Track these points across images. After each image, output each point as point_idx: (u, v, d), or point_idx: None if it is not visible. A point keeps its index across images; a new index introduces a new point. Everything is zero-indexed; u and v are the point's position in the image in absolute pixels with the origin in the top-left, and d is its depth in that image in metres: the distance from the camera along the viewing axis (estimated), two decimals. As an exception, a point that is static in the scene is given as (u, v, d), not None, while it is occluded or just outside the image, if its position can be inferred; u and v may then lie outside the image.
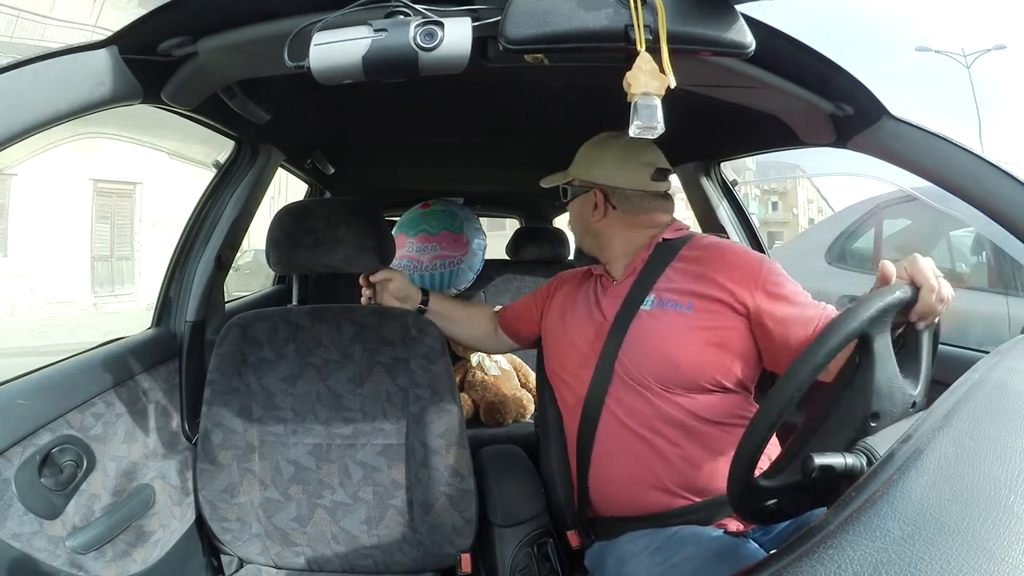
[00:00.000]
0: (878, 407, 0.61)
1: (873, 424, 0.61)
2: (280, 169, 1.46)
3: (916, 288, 0.66)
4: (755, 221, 1.59)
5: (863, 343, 0.61)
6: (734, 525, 0.89)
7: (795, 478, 0.64)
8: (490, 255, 2.25)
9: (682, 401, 0.89)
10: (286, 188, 5.99)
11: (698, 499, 0.89)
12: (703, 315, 0.90)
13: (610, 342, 0.94)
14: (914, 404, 0.64)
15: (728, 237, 1.54)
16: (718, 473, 0.87)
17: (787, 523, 0.80)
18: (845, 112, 0.89)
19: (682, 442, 0.89)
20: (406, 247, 2.02)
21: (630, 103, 0.65)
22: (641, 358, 0.92)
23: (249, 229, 1.35)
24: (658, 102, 0.65)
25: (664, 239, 1.00)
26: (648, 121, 0.65)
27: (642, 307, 0.94)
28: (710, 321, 0.90)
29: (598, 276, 1.09)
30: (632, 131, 0.66)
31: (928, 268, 0.68)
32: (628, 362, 0.93)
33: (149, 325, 1.24)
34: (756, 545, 0.85)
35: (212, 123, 1.07)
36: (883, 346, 0.61)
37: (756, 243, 1.56)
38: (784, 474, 0.65)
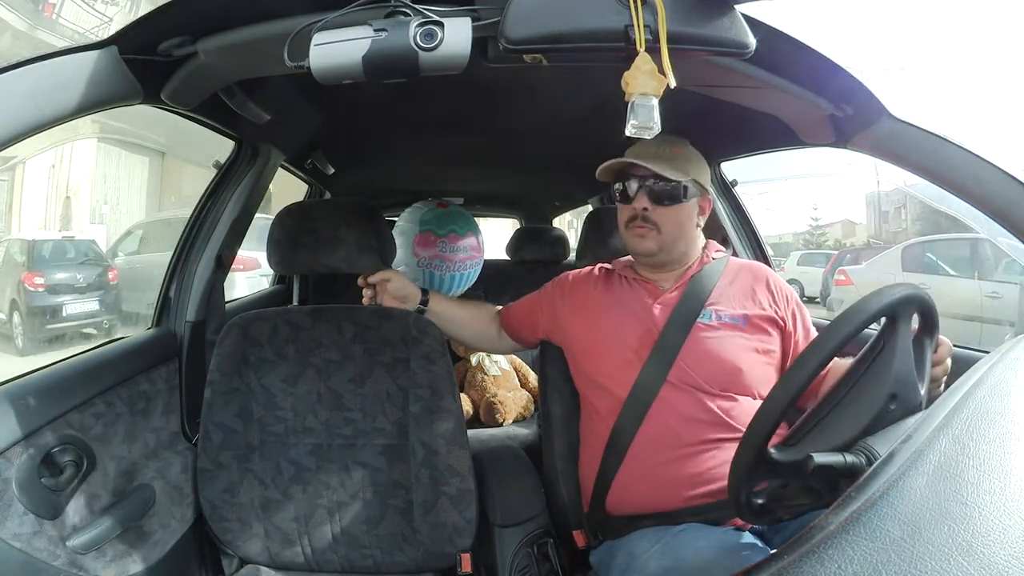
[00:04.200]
0: (897, 390, 0.62)
1: (892, 407, 0.61)
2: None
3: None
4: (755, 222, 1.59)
5: (891, 323, 0.62)
6: (742, 522, 0.89)
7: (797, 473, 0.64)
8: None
9: (738, 399, 0.94)
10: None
11: (720, 497, 0.90)
12: (755, 330, 0.98)
13: (663, 348, 0.96)
14: (920, 404, 0.64)
15: (728, 237, 1.54)
16: None
17: (795, 521, 0.81)
18: (845, 112, 0.89)
19: (721, 443, 0.91)
20: (438, 247, 2.01)
21: (627, 103, 0.65)
22: (702, 366, 0.95)
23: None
24: (655, 102, 0.65)
25: (712, 258, 1.06)
26: (645, 121, 0.65)
27: (700, 319, 0.98)
28: (761, 335, 0.98)
29: (634, 280, 1.07)
30: (628, 130, 0.66)
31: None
32: (687, 367, 0.95)
33: (149, 325, 1.24)
34: (762, 543, 0.85)
35: (212, 123, 1.07)
36: (906, 332, 0.63)
37: (756, 242, 1.55)
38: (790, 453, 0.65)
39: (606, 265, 1.15)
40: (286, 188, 1.92)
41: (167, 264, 1.26)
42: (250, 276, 5.30)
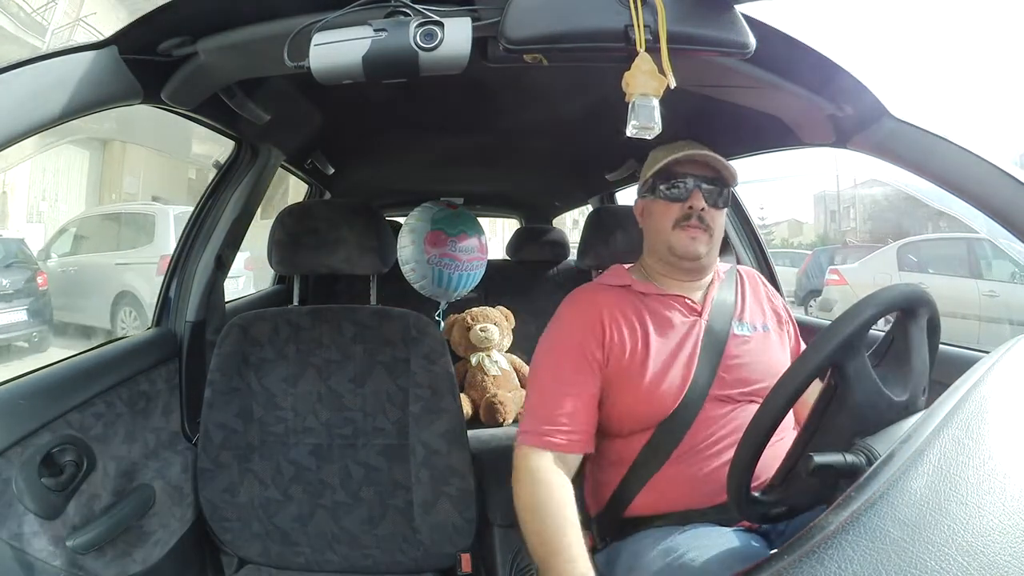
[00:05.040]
0: (861, 427, 0.62)
1: (857, 441, 0.62)
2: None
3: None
4: (755, 222, 1.59)
5: (836, 369, 0.62)
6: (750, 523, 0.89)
7: (790, 494, 0.65)
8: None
9: None
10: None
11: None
12: (780, 336, 1.01)
13: (704, 364, 0.92)
14: (906, 407, 0.64)
15: (728, 237, 1.54)
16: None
17: (795, 521, 0.81)
18: (845, 112, 0.89)
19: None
20: (447, 245, 2.03)
21: (628, 103, 0.65)
22: (745, 376, 0.93)
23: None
24: (656, 102, 0.65)
25: (726, 270, 1.06)
26: (645, 121, 0.65)
27: (735, 331, 0.96)
28: (784, 340, 1.02)
29: (661, 297, 0.98)
30: (629, 131, 0.67)
31: None
32: (729, 379, 0.93)
33: (150, 325, 1.24)
34: (765, 544, 0.85)
35: (212, 123, 1.07)
36: (857, 368, 0.62)
37: (757, 243, 1.56)
38: (779, 489, 0.66)
39: (611, 283, 1.01)
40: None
41: (103, 266, 1.23)
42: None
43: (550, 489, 0.83)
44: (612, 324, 0.94)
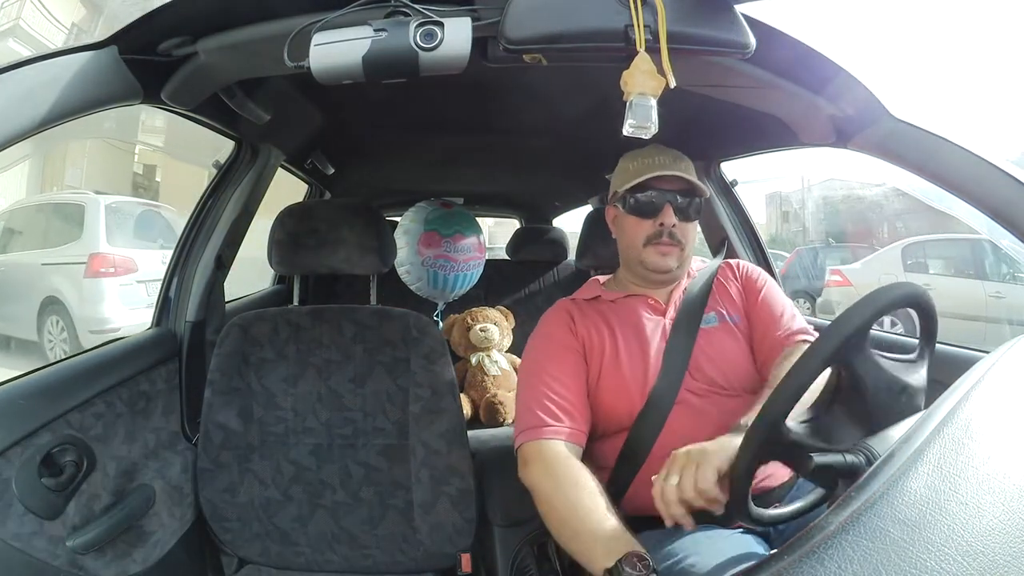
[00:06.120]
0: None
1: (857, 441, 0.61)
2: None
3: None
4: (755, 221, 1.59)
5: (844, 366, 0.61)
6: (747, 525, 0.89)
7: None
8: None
9: (746, 400, 0.93)
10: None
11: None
12: (746, 327, 1.01)
13: (673, 360, 0.94)
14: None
15: (728, 237, 1.53)
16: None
17: (795, 521, 0.81)
18: (845, 112, 0.89)
19: None
20: (442, 246, 2.02)
21: (626, 102, 0.65)
22: (717, 368, 0.94)
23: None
24: (653, 102, 0.65)
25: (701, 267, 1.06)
26: (642, 121, 0.65)
27: (705, 324, 0.97)
28: (750, 330, 1.01)
29: (626, 298, 1.01)
30: (626, 130, 0.67)
31: None
32: (699, 375, 0.94)
33: (149, 325, 1.24)
34: (764, 544, 0.85)
35: (212, 123, 1.07)
36: (865, 363, 0.61)
37: (756, 242, 1.55)
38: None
39: (583, 298, 1.05)
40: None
41: (29, 266, 1.16)
42: (124, 283, 4.18)
43: (567, 465, 0.84)
44: (582, 328, 0.98)
